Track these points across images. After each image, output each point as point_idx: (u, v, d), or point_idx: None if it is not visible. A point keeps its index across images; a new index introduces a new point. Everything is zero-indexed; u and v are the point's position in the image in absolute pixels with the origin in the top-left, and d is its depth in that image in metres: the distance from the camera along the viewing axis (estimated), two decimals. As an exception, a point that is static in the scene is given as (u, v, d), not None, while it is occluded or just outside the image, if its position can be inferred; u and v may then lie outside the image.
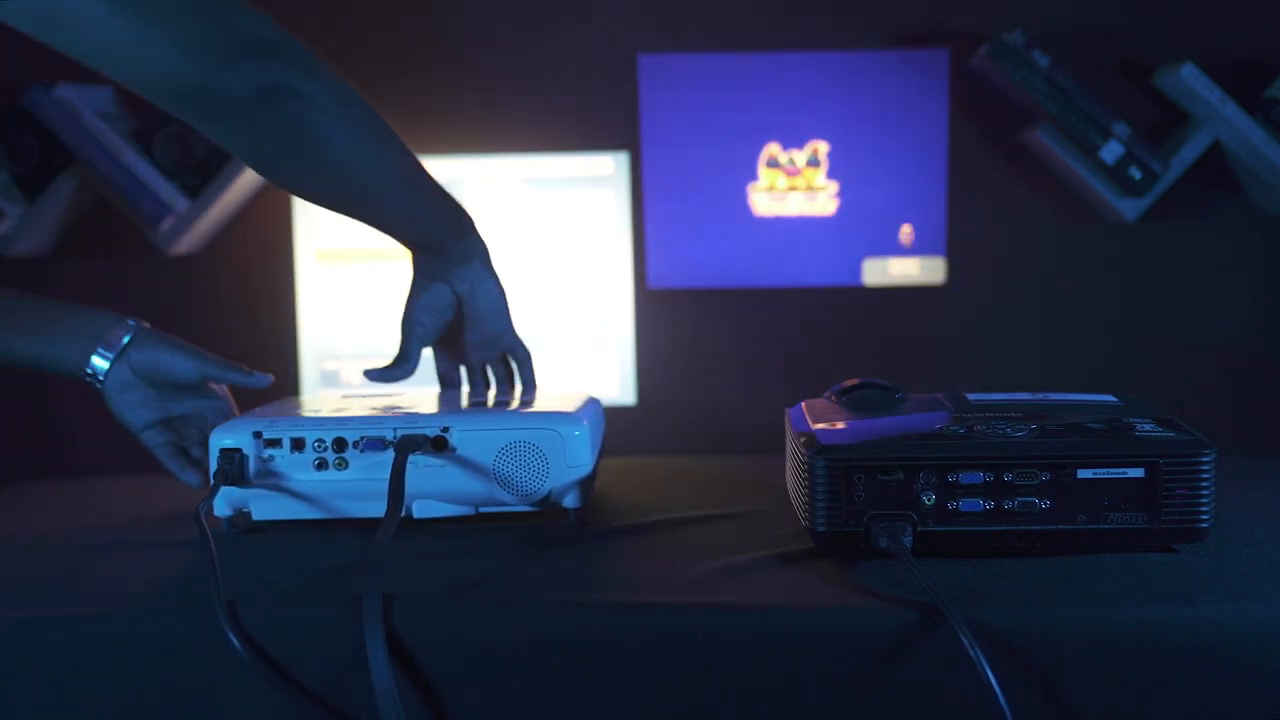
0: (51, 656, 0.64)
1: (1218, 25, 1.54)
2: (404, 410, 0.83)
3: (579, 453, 0.80)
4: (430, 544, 0.77)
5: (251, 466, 0.79)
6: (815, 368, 1.43)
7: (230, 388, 0.95)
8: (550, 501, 0.81)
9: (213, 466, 0.79)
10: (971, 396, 0.84)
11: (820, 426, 0.75)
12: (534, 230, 1.49)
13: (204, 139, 1.50)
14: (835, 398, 0.87)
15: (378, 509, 0.73)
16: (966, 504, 0.70)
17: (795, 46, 1.56)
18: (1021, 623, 0.62)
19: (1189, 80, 1.47)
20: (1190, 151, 1.50)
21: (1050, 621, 0.62)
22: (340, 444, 0.79)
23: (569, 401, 0.87)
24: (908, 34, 1.56)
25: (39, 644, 0.65)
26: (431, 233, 0.93)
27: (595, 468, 0.84)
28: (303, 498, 0.80)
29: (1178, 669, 0.61)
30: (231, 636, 0.63)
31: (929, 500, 0.70)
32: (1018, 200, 1.60)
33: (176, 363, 0.90)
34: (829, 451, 0.70)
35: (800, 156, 1.57)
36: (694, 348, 1.61)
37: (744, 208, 1.58)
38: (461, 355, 0.99)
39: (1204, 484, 0.70)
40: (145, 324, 0.91)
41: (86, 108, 1.49)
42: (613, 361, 1.50)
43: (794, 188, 1.57)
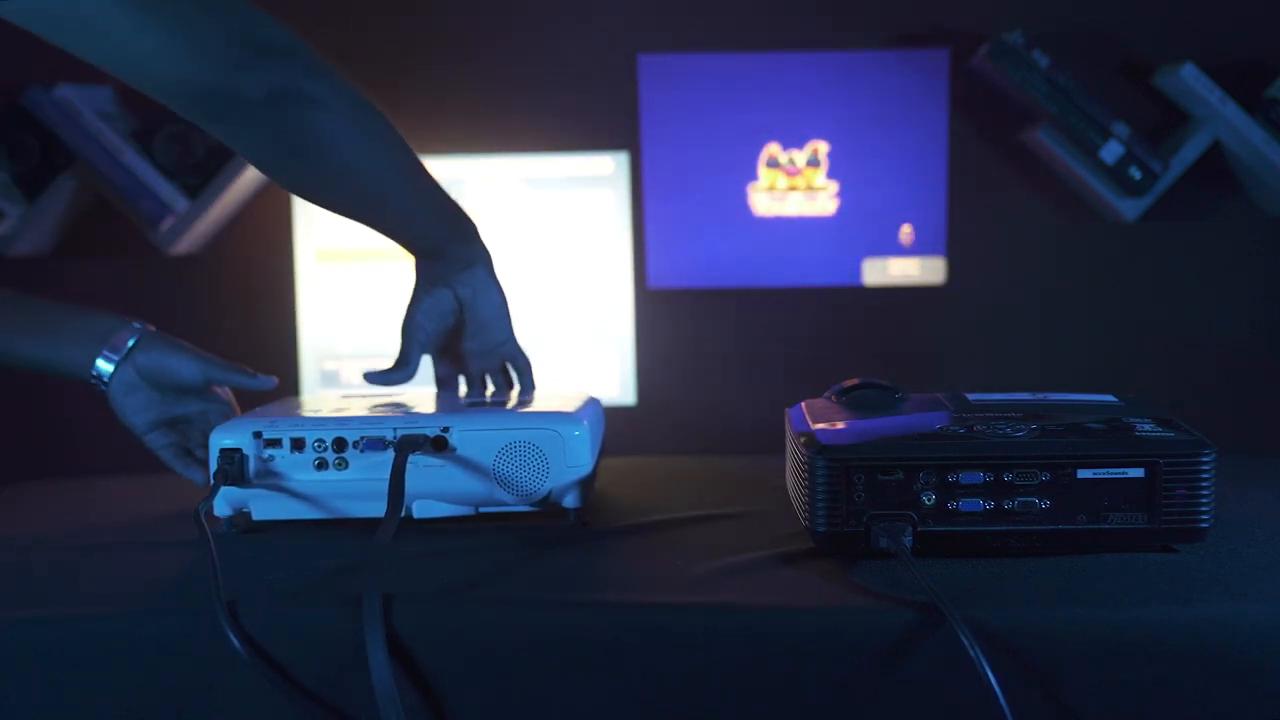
0: (51, 656, 0.64)
1: (1218, 25, 1.54)
2: (404, 410, 0.83)
3: (579, 453, 0.80)
4: (430, 544, 0.77)
5: (251, 466, 0.79)
6: (815, 368, 1.43)
7: (234, 390, 0.95)
8: (550, 501, 0.81)
9: (213, 466, 0.79)
10: (971, 396, 0.84)
11: (820, 426, 0.75)
12: (534, 230, 1.49)
13: (204, 139, 1.51)
14: (835, 398, 0.87)
15: (378, 509, 0.73)
16: (966, 504, 0.70)
17: (795, 46, 1.56)
18: (1021, 623, 0.62)
19: (1189, 80, 1.47)
20: (1190, 151, 1.50)
21: (1050, 621, 0.62)
22: (340, 444, 0.79)
23: (569, 401, 0.87)
24: (908, 34, 1.56)
25: (39, 644, 0.65)
26: (436, 237, 0.93)
27: (595, 468, 0.84)
28: (303, 498, 0.80)
29: (1178, 669, 0.61)
30: (231, 636, 0.63)
31: (929, 500, 0.70)
32: (1018, 200, 1.59)
33: (181, 365, 0.90)
34: (829, 451, 0.70)
35: (800, 156, 1.57)
36: (694, 348, 1.60)
37: (744, 208, 1.58)
38: (461, 363, 0.98)
39: (1204, 484, 0.70)
40: (150, 327, 0.91)
41: (86, 108, 1.49)
42: (613, 361, 1.50)
43: (794, 188, 1.57)
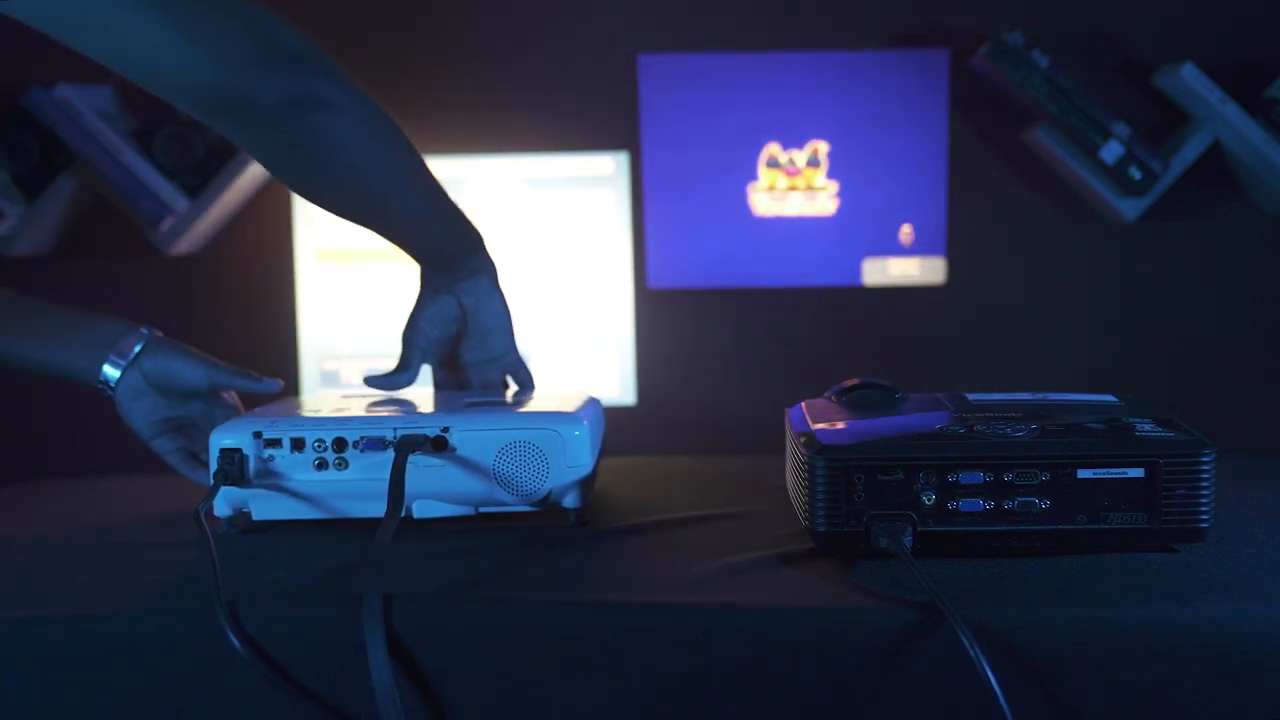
0: (51, 656, 0.64)
1: (1218, 25, 1.54)
2: (404, 410, 0.83)
3: (579, 453, 0.80)
4: (430, 544, 0.78)
5: (251, 466, 0.79)
6: (815, 368, 1.43)
7: (239, 393, 0.96)
8: (550, 501, 0.81)
9: (213, 466, 0.79)
10: (971, 396, 0.84)
11: (820, 426, 0.75)
12: (534, 230, 1.49)
13: (204, 139, 1.51)
14: (835, 398, 0.87)
15: (378, 509, 0.73)
16: (966, 504, 0.70)
17: (795, 46, 1.56)
18: (1021, 623, 0.62)
19: (1189, 80, 1.47)
20: (1190, 151, 1.50)
21: (1050, 621, 0.62)
22: (340, 444, 0.79)
23: (569, 401, 0.87)
24: (908, 34, 1.56)
25: (39, 644, 0.65)
26: (443, 245, 0.93)
27: (595, 468, 0.84)
28: (303, 498, 0.80)
29: (1178, 669, 0.61)
30: (231, 636, 0.63)
31: (929, 500, 0.70)
32: (1018, 200, 1.59)
33: (187, 371, 0.90)
34: (829, 451, 0.70)
35: (800, 156, 1.57)
36: (694, 348, 1.60)
37: (744, 208, 1.58)
38: (461, 375, 0.98)
39: (1204, 484, 0.70)
40: (157, 332, 0.91)
41: (86, 108, 1.49)
42: (613, 361, 1.50)
43: (794, 188, 1.57)
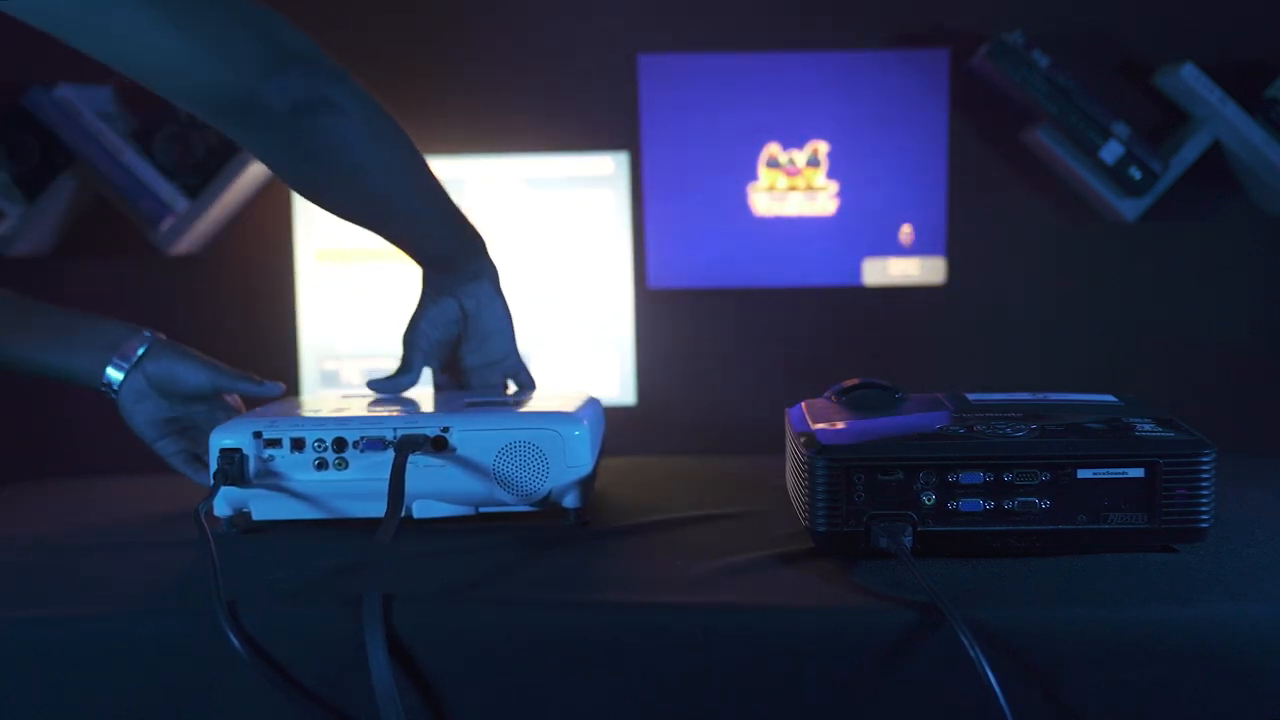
0: (51, 656, 0.64)
1: (1218, 25, 1.54)
2: (404, 410, 0.83)
3: (579, 453, 0.80)
4: (430, 544, 0.77)
5: (251, 466, 0.79)
6: (815, 368, 1.43)
7: (242, 396, 0.96)
8: (550, 501, 0.81)
9: (213, 466, 0.79)
10: (971, 396, 0.84)
11: (820, 426, 0.75)
12: (534, 230, 1.49)
13: (204, 139, 1.51)
14: (835, 398, 0.87)
15: (378, 509, 0.73)
16: (966, 504, 0.70)
17: (795, 46, 1.56)
18: (1021, 623, 0.62)
19: (1189, 80, 1.47)
20: (1190, 151, 1.50)
21: (1050, 621, 0.62)
22: (340, 444, 0.79)
23: (569, 401, 0.87)
24: (908, 34, 1.56)
25: (39, 644, 0.65)
26: (444, 246, 0.93)
27: (595, 468, 0.84)
28: (303, 498, 0.80)
29: (1178, 669, 0.61)
30: (231, 636, 0.63)
31: (929, 500, 0.70)
32: (1018, 200, 1.59)
33: (190, 374, 0.90)
34: (829, 451, 0.70)
35: (800, 156, 1.57)
36: (694, 348, 1.60)
37: (744, 208, 1.58)
38: (463, 378, 0.98)
39: (1204, 484, 0.70)
40: (160, 335, 0.91)
41: (86, 108, 1.49)
42: (613, 361, 1.50)
43: (794, 188, 1.57)
